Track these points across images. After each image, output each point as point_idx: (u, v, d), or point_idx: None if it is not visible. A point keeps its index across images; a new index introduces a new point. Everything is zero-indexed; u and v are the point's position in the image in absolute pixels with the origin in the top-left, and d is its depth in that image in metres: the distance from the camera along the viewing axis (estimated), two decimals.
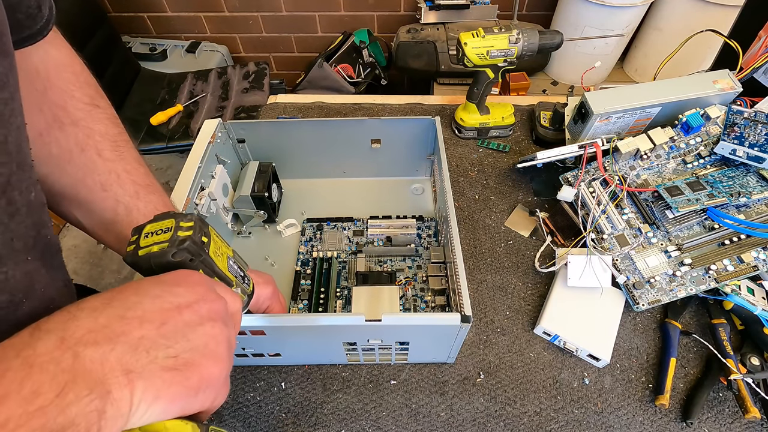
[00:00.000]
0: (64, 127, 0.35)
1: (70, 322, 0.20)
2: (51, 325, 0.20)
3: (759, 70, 0.58)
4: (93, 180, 0.36)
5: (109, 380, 0.19)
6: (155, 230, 0.27)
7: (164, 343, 0.22)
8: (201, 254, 0.28)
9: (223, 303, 0.27)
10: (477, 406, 0.47)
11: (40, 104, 0.33)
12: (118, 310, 0.22)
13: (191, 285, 0.25)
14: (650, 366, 0.49)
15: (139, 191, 0.38)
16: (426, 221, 0.63)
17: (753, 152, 0.50)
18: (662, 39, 1.44)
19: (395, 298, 0.54)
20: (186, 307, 0.24)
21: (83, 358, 0.19)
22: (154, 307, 0.23)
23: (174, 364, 0.22)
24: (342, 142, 0.62)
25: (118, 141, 0.38)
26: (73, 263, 1.53)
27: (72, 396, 0.18)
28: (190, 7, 1.69)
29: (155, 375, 0.21)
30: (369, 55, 1.64)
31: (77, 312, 0.21)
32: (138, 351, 0.21)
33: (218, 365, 0.24)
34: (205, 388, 0.23)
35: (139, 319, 0.22)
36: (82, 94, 0.36)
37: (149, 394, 0.20)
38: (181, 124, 1.36)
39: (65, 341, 0.19)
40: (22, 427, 0.16)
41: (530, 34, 0.62)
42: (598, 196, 0.54)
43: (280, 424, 0.46)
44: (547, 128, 0.71)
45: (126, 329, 0.21)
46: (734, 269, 0.49)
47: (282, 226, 0.62)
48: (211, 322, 0.25)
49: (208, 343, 0.24)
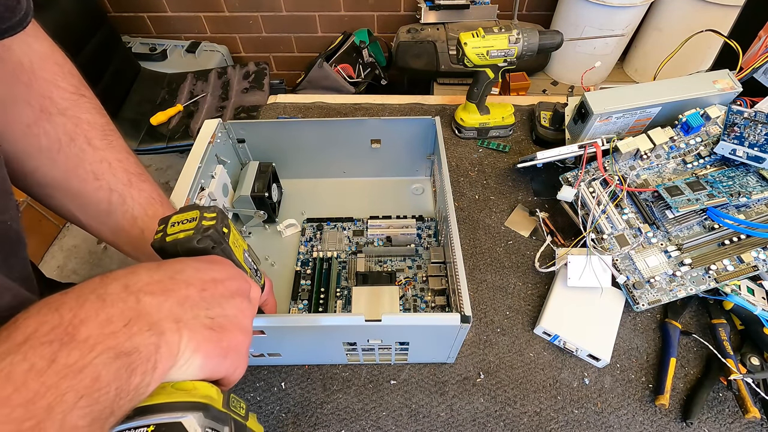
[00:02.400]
0: (52, 118, 0.35)
1: (131, 275, 0.24)
2: (116, 275, 0.23)
3: (759, 70, 0.58)
4: (84, 169, 0.36)
5: (163, 324, 0.22)
6: (181, 220, 0.30)
7: (204, 305, 0.25)
8: (222, 243, 0.31)
9: (249, 286, 0.30)
10: (477, 406, 0.47)
11: (27, 97, 0.33)
12: (168, 272, 0.25)
13: (224, 265, 0.29)
14: (650, 366, 0.49)
15: (131, 179, 0.38)
16: (426, 221, 0.63)
17: (753, 152, 0.50)
18: (662, 39, 1.44)
19: (395, 298, 0.54)
20: (220, 281, 0.27)
21: (143, 302, 0.22)
22: (196, 275, 0.26)
23: (211, 324, 0.25)
24: (342, 142, 0.62)
25: (106, 130, 0.38)
26: (73, 263, 1.53)
27: (136, 328, 0.21)
28: (190, 7, 1.69)
29: (197, 329, 0.24)
30: (369, 55, 1.64)
31: (137, 269, 0.24)
32: (184, 306, 0.24)
33: (244, 335, 0.27)
34: (233, 353, 0.26)
35: (185, 282, 0.25)
36: (67, 84, 0.36)
37: (192, 345, 0.23)
38: (181, 124, 1.36)
39: (129, 287, 0.23)
40: (100, 344, 0.19)
41: (530, 34, 0.62)
42: (598, 196, 0.54)
43: (280, 424, 0.46)
44: (547, 128, 0.71)
45: (175, 287, 0.24)
46: (734, 269, 0.49)
47: (282, 226, 0.62)
48: (240, 297, 0.28)
49: (237, 315, 0.27)
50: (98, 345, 0.19)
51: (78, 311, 0.20)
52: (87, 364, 0.19)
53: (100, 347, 0.19)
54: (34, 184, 0.36)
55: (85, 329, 0.19)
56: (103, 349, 0.19)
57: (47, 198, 0.37)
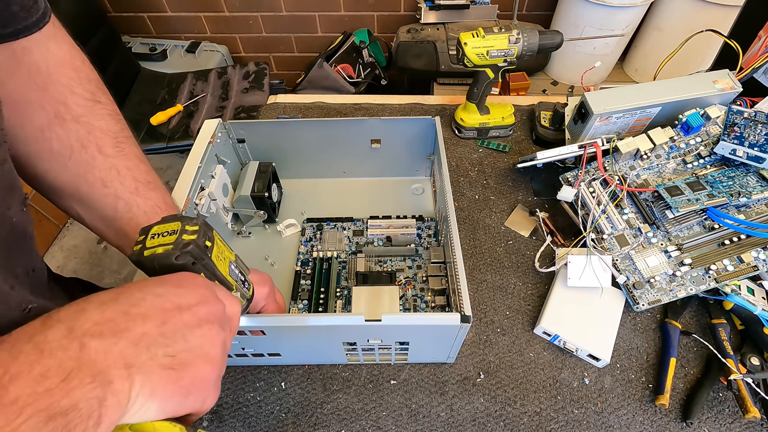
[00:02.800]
0: (65, 124, 0.35)
1: (79, 314, 0.21)
2: (61, 315, 0.21)
3: (759, 70, 0.58)
4: (94, 176, 0.36)
5: (111, 371, 0.20)
6: (161, 232, 0.28)
7: (164, 342, 0.23)
8: (203, 258, 0.29)
9: (222, 307, 0.28)
10: (477, 406, 0.47)
11: (41, 100, 0.33)
12: (123, 305, 0.23)
13: (193, 287, 0.26)
14: (650, 366, 0.49)
15: (139, 188, 0.38)
16: (426, 221, 0.63)
17: (753, 152, 0.50)
18: (662, 39, 1.44)
19: (395, 298, 0.53)
20: (186, 308, 0.25)
21: (89, 348, 0.20)
22: (156, 305, 0.24)
23: (171, 363, 0.23)
24: (342, 142, 0.62)
25: (120, 137, 0.38)
26: (73, 263, 1.53)
27: (76, 381, 0.19)
28: (190, 7, 1.69)
29: (153, 372, 0.22)
30: (369, 55, 1.64)
31: (86, 305, 0.22)
32: (139, 347, 0.22)
33: (211, 367, 0.25)
34: (196, 389, 0.24)
35: (142, 317, 0.23)
36: (83, 90, 0.36)
37: (146, 390, 0.21)
38: (181, 124, 1.36)
39: (73, 331, 0.20)
40: (30, 406, 0.17)
41: (530, 34, 0.62)
42: (598, 196, 0.54)
43: (280, 424, 0.46)
44: (547, 128, 0.71)
45: (129, 325, 0.22)
46: (734, 269, 0.49)
47: (282, 226, 0.62)
48: (208, 324, 0.26)
49: (203, 345, 0.25)
50: (27, 407, 0.17)
51: (9, 366, 0.18)
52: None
53: (29, 410, 0.17)
54: (43, 185, 0.36)
55: (14, 389, 0.17)
56: (32, 412, 0.17)
57: (56, 199, 0.38)
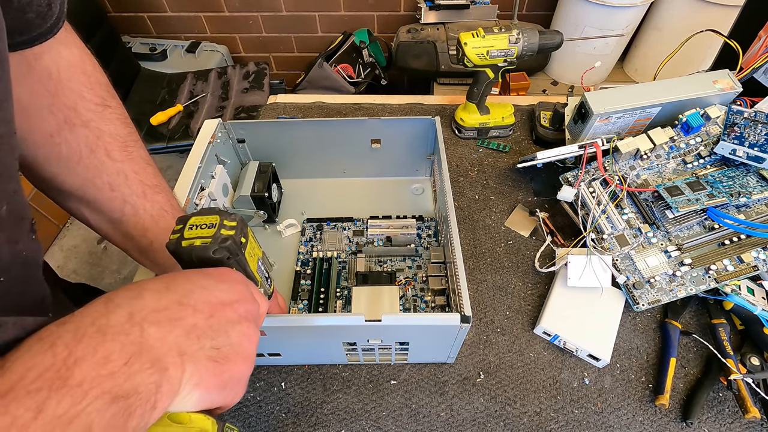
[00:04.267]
0: (75, 129, 0.35)
1: (136, 300, 0.22)
2: (120, 299, 0.22)
3: (759, 70, 0.58)
4: (102, 180, 0.37)
5: (167, 358, 0.21)
6: (200, 224, 0.29)
7: (211, 334, 0.24)
8: (238, 254, 0.29)
9: (257, 306, 0.29)
10: (477, 406, 0.47)
11: (51, 106, 0.33)
12: (176, 295, 0.24)
13: (233, 284, 0.27)
14: (650, 366, 0.49)
15: (146, 191, 0.39)
16: (426, 221, 0.63)
17: (753, 152, 0.50)
18: (662, 39, 1.44)
19: (395, 298, 0.53)
20: (228, 304, 0.26)
21: (148, 334, 0.21)
22: (204, 298, 0.25)
23: (216, 355, 0.23)
24: (342, 142, 0.62)
25: (128, 141, 0.39)
26: (73, 263, 1.53)
27: (137, 366, 0.19)
28: (190, 7, 1.69)
29: (200, 362, 0.22)
30: (369, 55, 1.64)
31: (142, 291, 0.23)
32: (191, 337, 0.23)
33: (247, 364, 0.26)
34: (232, 384, 0.24)
35: (193, 308, 0.24)
36: (93, 95, 0.36)
37: (194, 379, 0.22)
38: (181, 124, 1.36)
39: (133, 317, 0.21)
40: (95, 388, 0.18)
41: (530, 34, 0.62)
42: (598, 196, 0.54)
43: (280, 424, 0.46)
44: (547, 128, 0.71)
45: (183, 314, 0.23)
46: (734, 269, 0.49)
47: (282, 226, 0.62)
48: (246, 322, 0.26)
49: (242, 342, 0.25)
50: (93, 389, 0.17)
51: (74, 348, 0.18)
52: (79, 413, 0.17)
53: (95, 392, 0.17)
54: (51, 188, 0.37)
55: (79, 371, 0.18)
56: (98, 394, 0.18)
57: (63, 201, 0.38)
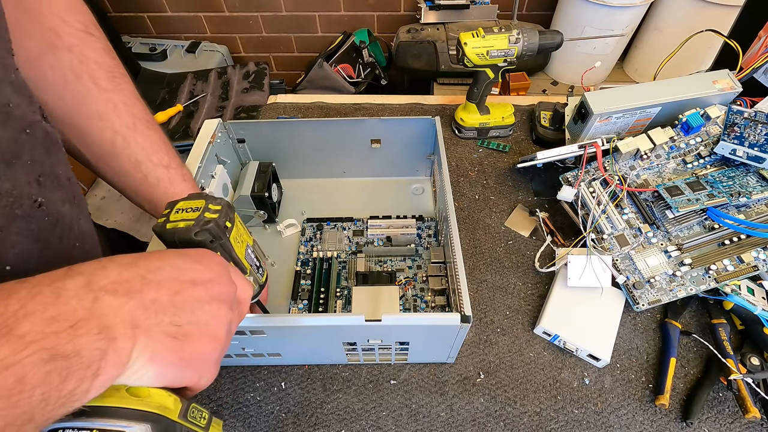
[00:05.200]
0: (58, 52, 0.34)
1: (99, 270, 0.22)
2: (83, 268, 0.22)
3: (759, 70, 0.58)
4: (90, 108, 0.36)
5: (117, 328, 0.21)
6: (186, 207, 0.29)
7: (172, 311, 0.23)
8: (221, 237, 0.30)
9: (234, 288, 0.28)
10: (477, 406, 0.47)
11: (34, 29, 0.33)
12: (141, 270, 0.23)
13: (209, 264, 0.27)
14: (650, 366, 0.49)
15: (137, 124, 0.38)
16: (426, 221, 0.63)
17: (753, 152, 0.50)
18: (662, 39, 1.43)
19: (395, 298, 0.54)
20: (200, 283, 0.25)
21: (102, 302, 0.21)
22: (172, 275, 0.25)
23: (175, 332, 0.23)
24: (342, 142, 0.62)
25: (115, 72, 0.38)
26: None
27: (84, 330, 0.19)
28: (190, 7, 1.69)
29: (156, 337, 0.22)
30: (369, 55, 1.64)
31: (108, 263, 0.23)
32: (148, 311, 0.22)
33: (213, 344, 0.25)
34: (195, 363, 0.24)
35: (157, 284, 0.23)
36: (76, 20, 0.36)
37: (147, 353, 0.22)
38: (181, 124, 1.36)
39: (91, 284, 0.21)
40: (36, 342, 0.18)
41: (530, 34, 0.62)
42: (598, 196, 0.54)
43: (280, 424, 0.46)
44: (547, 128, 0.71)
45: (144, 288, 0.23)
46: (734, 269, 0.49)
47: (282, 226, 0.62)
48: (218, 302, 0.26)
49: (209, 322, 0.25)
50: (33, 344, 0.18)
51: (26, 303, 0.19)
52: (14, 363, 0.17)
53: (34, 346, 0.18)
54: None
55: (26, 324, 0.18)
56: (37, 348, 0.18)
57: None
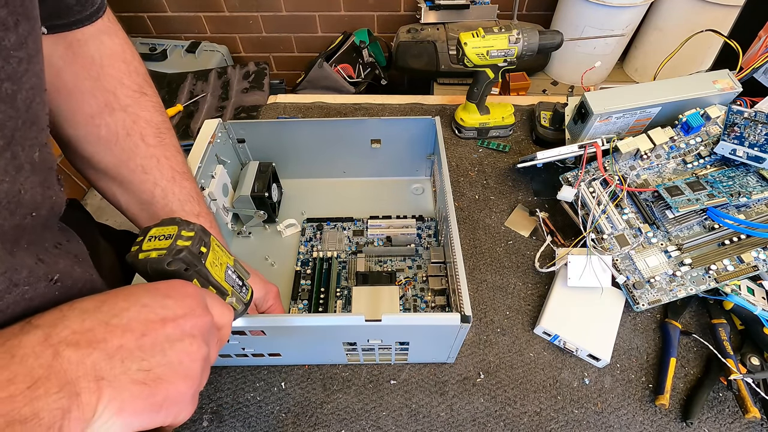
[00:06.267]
0: (114, 113, 0.37)
1: (59, 321, 0.21)
2: (41, 321, 0.21)
3: (759, 70, 0.58)
4: (135, 162, 0.39)
5: (80, 383, 0.20)
6: (158, 235, 0.28)
7: (140, 356, 0.22)
8: (196, 265, 0.28)
9: (209, 318, 0.27)
10: (477, 406, 0.47)
11: (93, 90, 0.36)
12: (105, 315, 0.22)
13: (181, 297, 0.26)
14: (650, 366, 0.49)
15: (176, 176, 0.41)
16: (426, 221, 0.63)
17: (753, 152, 0.50)
18: (662, 39, 1.43)
19: (395, 298, 0.54)
20: (171, 320, 0.24)
21: (62, 357, 0.20)
22: (139, 316, 0.23)
23: (144, 378, 0.22)
24: (342, 142, 0.62)
25: (161, 128, 0.41)
26: None
27: (42, 390, 0.18)
28: (190, 7, 1.69)
29: (124, 387, 0.21)
30: (369, 55, 1.64)
31: (68, 311, 0.22)
32: (113, 360, 0.21)
33: (188, 383, 0.24)
34: (169, 405, 0.23)
35: (122, 328, 0.22)
36: (131, 81, 0.39)
37: (114, 405, 0.21)
38: (181, 124, 1.36)
39: (49, 338, 0.20)
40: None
41: (530, 34, 0.62)
42: (598, 196, 0.54)
43: (280, 424, 0.46)
44: (547, 128, 0.71)
45: (107, 336, 0.22)
46: (734, 269, 0.49)
47: (282, 226, 0.62)
48: (190, 338, 0.25)
49: (182, 360, 0.24)
50: None
51: None
52: None
53: None
54: (88, 166, 0.39)
55: None
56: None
57: (97, 180, 0.40)
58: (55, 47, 0.33)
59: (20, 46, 0.23)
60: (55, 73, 0.34)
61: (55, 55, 0.33)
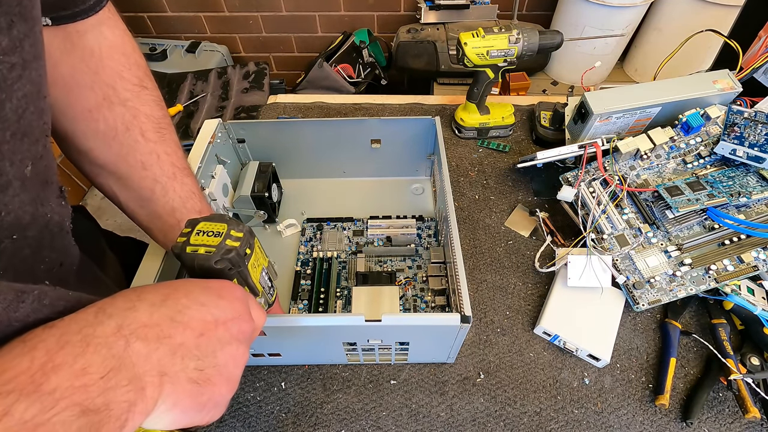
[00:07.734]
0: (113, 107, 0.36)
1: (129, 312, 0.21)
2: (113, 310, 0.21)
3: (759, 70, 0.58)
4: (135, 158, 0.38)
5: (146, 378, 0.20)
6: (207, 230, 0.29)
7: (196, 354, 0.23)
8: (241, 266, 0.29)
9: (252, 326, 0.28)
10: (477, 406, 0.47)
11: (92, 83, 0.35)
12: (170, 310, 0.23)
13: (232, 300, 0.26)
14: (650, 366, 0.49)
15: (176, 173, 0.40)
16: (426, 221, 0.63)
17: (753, 152, 0.50)
18: (662, 39, 1.43)
19: (395, 298, 0.53)
20: (222, 323, 0.25)
21: (132, 350, 0.20)
22: (198, 315, 0.24)
23: (198, 377, 0.23)
24: (342, 142, 0.62)
25: (162, 123, 0.40)
26: None
27: (114, 382, 0.19)
28: (190, 7, 1.69)
29: (181, 384, 0.22)
30: (369, 55, 1.64)
31: (137, 303, 0.22)
32: (175, 356, 0.22)
33: (229, 386, 0.25)
34: (211, 406, 0.24)
35: (184, 326, 0.23)
36: (131, 75, 0.37)
37: (170, 400, 0.21)
38: (181, 124, 1.36)
39: (122, 329, 0.20)
40: (66, 399, 0.17)
41: (530, 34, 0.62)
42: (598, 196, 0.54)
43: (280, 424, 0.46)
44: (547, 128, 0.71)
45: (172, 332, 0.22)
46: (734, 269, 0.49)
47: (282, 226, 0.62)
48: (237, 342, 0.26)
49: (228, 364, 0.25)
50: (63, 399, 0.17)
51: (54, 355, 0.18)
52: (45, 422, 0.16)
53: (65, 402, 0.17)
54: (86, 162, 0.38)
55: (55, 379, 0.17)
56: (67, 405, 0.17)
57: (95, 176, 0.39)
58: (53, 38, 0.32)
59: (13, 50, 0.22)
60: (52, 64, 0.32)
61: (53, 46, 0.32)
